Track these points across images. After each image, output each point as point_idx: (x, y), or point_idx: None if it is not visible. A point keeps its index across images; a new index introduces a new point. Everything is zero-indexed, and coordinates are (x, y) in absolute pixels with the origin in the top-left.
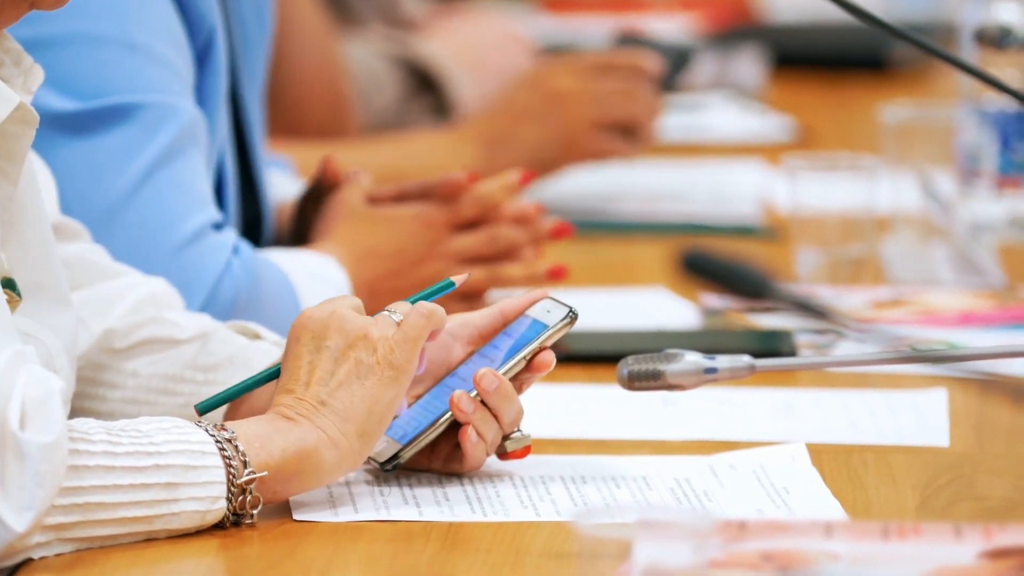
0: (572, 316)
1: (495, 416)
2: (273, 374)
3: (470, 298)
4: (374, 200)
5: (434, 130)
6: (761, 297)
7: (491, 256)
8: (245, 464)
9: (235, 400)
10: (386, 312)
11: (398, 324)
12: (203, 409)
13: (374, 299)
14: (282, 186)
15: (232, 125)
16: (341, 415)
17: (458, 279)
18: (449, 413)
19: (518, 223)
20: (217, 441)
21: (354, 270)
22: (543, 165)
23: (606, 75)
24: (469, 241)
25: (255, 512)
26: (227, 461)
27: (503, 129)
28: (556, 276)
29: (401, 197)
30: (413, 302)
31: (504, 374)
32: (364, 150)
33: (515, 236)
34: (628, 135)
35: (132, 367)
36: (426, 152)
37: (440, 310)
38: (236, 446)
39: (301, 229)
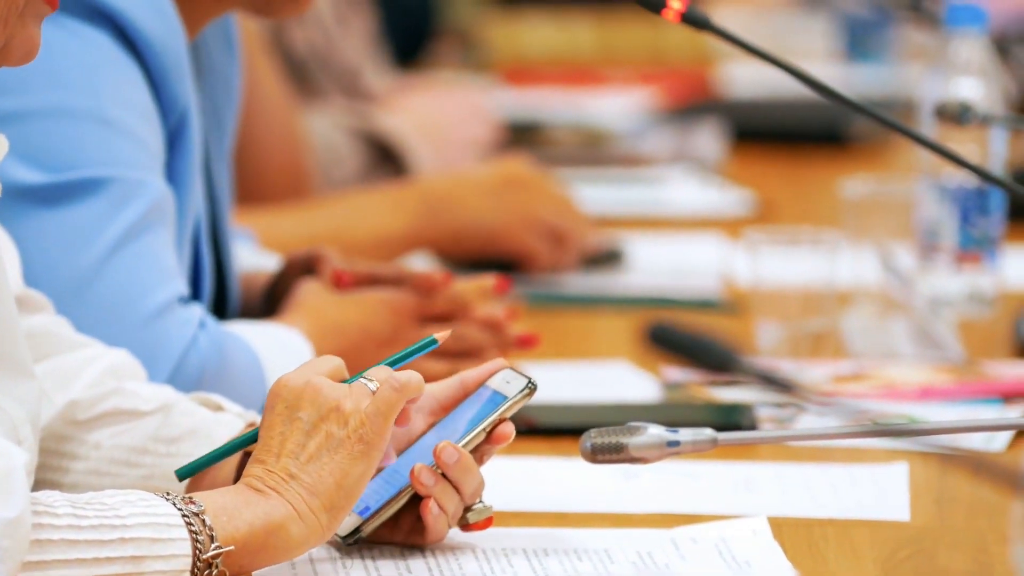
0: (531, 387)
1: (456, 488)
2: (251, 438)
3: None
4: (347, 281)
5: (378, 188)
6: (726, 370)
7: (455, 353)
8: (212, 538)
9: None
10: (363, 380)
11: (372, 393)
12: (183, 475)
13: None
14: (246, 257)
15: (205, 202)
16: (309, 489)
17: (440, 336)
18: (410, 486)
19: (486, 326)
20: (184, 515)
21: (319, 343)
22: (480, 235)
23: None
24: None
25: None
26: (194, 535)
27: (449, 191)
28: (526, 344)
29: (374, 280)
30: (394, 362)
31: (464, 446)
32: (310, 211)
33: (481, 338)
34: (558, 245)
35: (95, 439)
36: (369, 210)
37: (414, 381)
38: (203, 520)
39: (273, 301)
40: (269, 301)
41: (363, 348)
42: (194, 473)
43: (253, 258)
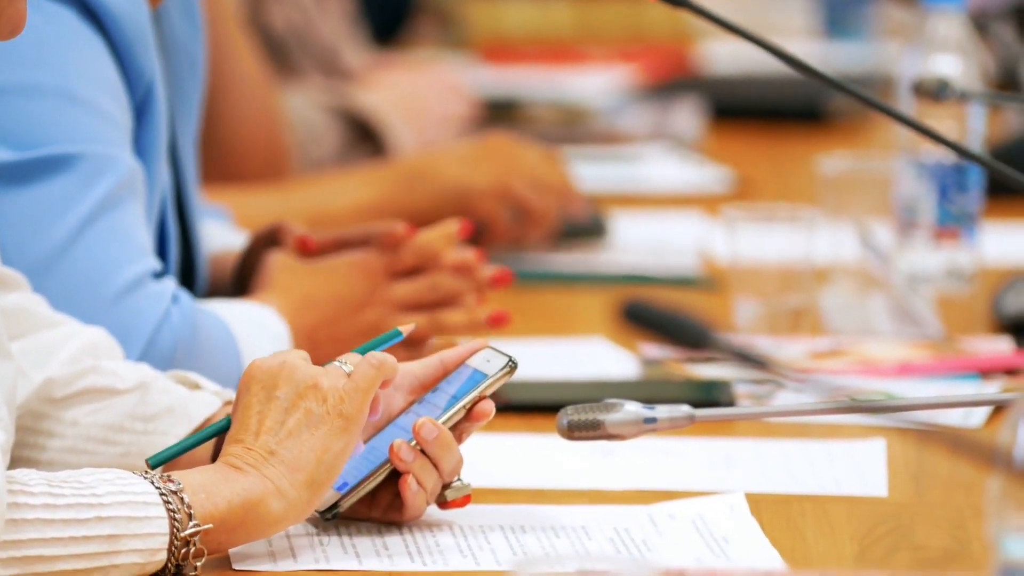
0: (512, 365)
1: (435, 465)
2: (224, 427)
3: (412, 345)
4: (312, 247)
5: (354, 168)
6: (701, 347)
7: (432, 303)
8: (190, 516)
9: None
10: (336, 363)
11: (348, 375)
12: (155, 463)
13: (314, 347)
14: (220, 236)
15: (171, 177)
16: (290, 465)
17: (405, 329)
18: (389, 462)
19: (458, 271)
20: (162, 493)
21: (293, 319)
22: (452, 200)
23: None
24: (409, 288)
25: (199, 564)
26: (171, 514)
27: (424, 164)
28: (498, 323)
29: (340, 244)
30: (362, 352)
31: (444, 423)
32: (286, 189)
33: (455, 284)
34: (522, 219)
35: (71, 416)
36: (347, 185)
37: (391, 359)
38: (181, 498)
39: (242, 279)
40: (239, 280)
41: (338, 317)
42: (167, 460)
43: (223, 236)
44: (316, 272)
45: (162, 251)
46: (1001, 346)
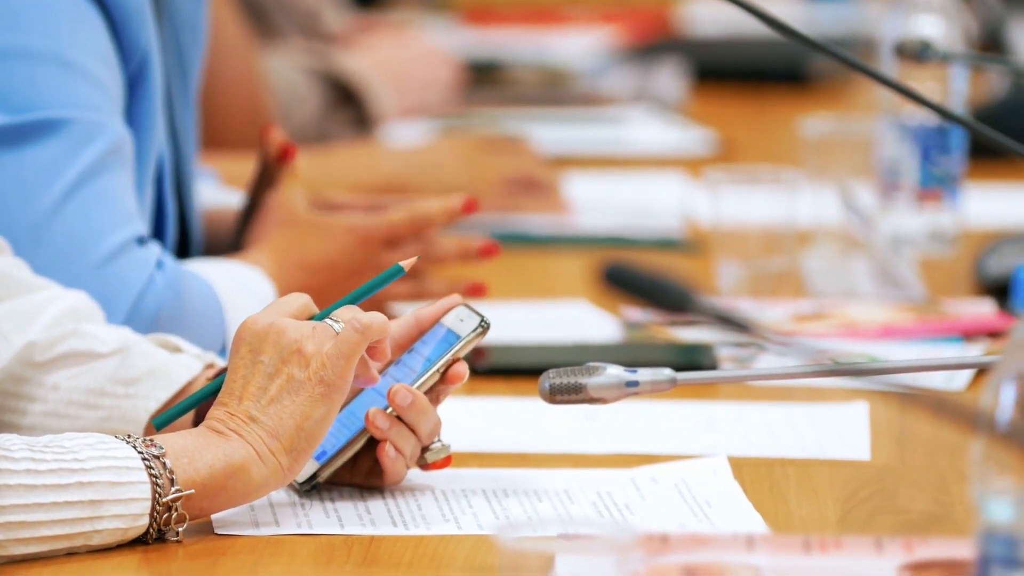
0: (484, 326)
1: (412, 430)
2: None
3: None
4: (292, 153)
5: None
6: (682, 310)
7: (421, 268)
8: (172, 481)
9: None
10: (328, 321)
11: (336, 335)
12: (160, 423)
13: None
14: (208, 195)
15: (168, 145)
16: (270, 431)
17: (406, 264)
18: (366, 430)
19: (448, 218)
20: (144, 458)
21: (282, 281)
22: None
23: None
24: (399, 256)
25: (180, 529)
26: (153, 479)
27: (423, 157)
28: (475, 293)
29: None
30: (359, 294)
31: (418, 388)
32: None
33: (444, 251)
34: (531, 191)
35: (53, 380)
36: (348, 163)
37: (378, 322)
38: (164, 463)
39: (243, 229)
40: (241, 229)
41: (329, 285)
42: (172, 420)
43: (215, 194)
44: (313, 235)
45: (159, 218)
46: (984, 308)
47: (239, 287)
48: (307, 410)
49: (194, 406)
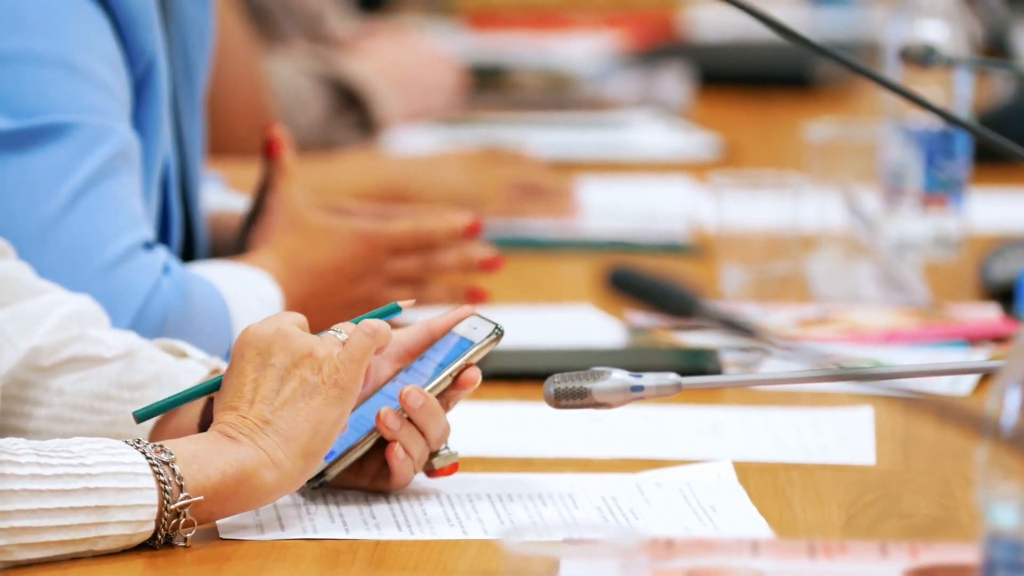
0: (498, 333)
1: (422, 433)
2: (213, 386)
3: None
4: (280, 148)
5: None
6: (687, 315)
7: (422, 277)
8: (181, 488)
9: (164, 415)
10: (331, 332)
11: (343, 343)
12: (141, 416)
13: (305, 315)
14: (213, 199)
15: (174, 150)
16: (284, 435)
17: (405, 304)
18: (375, 430)
19: (452, 239)
20: (153, 463)
21: (288, 285)
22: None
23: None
24: (403, 265)
25: (189, 535)
26: (162, 485)
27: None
28: (475, 298)
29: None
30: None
31: (430, 391)
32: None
33: (447, 263)
34: (536, 196)
35: (58, 385)
36: (350, 170)
37: (385, 328)
38: (173, 469)
39: (248, 233)
40: (245, 232)
41: (334, 289)
42: (153, 416)
43: (221, 198)
44: (319, 239)
45: (165, 223)
46: (988, 313)
47: (246, 291)
48: (322, 413)
49: (180, 403)
